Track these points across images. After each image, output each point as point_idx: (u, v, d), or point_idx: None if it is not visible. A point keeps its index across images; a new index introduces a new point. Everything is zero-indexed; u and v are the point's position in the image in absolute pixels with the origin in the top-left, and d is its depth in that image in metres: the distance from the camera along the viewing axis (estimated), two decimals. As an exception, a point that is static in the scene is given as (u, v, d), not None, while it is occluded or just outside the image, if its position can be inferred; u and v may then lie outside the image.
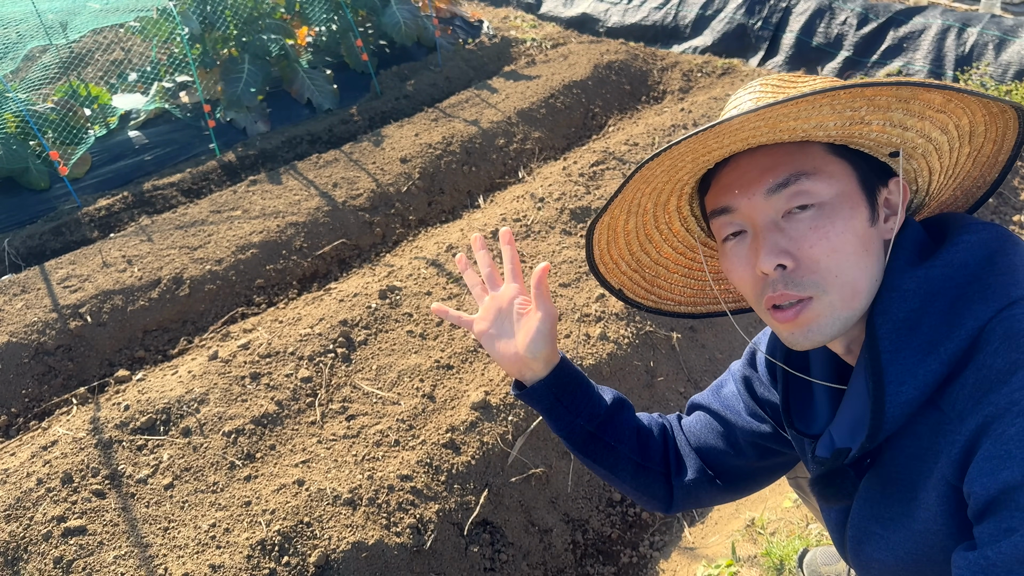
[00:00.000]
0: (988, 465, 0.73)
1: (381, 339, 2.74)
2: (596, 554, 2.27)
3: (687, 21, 6.32)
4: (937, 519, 0.83)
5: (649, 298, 1.17)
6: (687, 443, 1.26)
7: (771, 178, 0.86)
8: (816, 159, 0.86)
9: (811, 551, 1.85)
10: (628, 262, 1.10)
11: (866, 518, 0.94)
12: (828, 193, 0.85)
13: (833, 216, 0.85)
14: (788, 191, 0.86)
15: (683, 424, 1.28)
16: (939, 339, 0.81)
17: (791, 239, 0.86)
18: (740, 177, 0.89)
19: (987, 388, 0.76)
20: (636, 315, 2.79)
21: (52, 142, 4.30)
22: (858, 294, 0.86)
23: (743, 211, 0.89)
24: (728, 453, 1.21)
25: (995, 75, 4.73)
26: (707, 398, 1.27)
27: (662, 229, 1.07)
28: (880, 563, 0.94)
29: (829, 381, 1.01)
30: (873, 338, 0.85)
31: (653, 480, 1.21)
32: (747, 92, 0.93)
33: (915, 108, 0.82)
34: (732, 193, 0.90)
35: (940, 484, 0.82)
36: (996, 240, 0.85)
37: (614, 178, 3.88)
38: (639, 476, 1.19)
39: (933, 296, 0.83)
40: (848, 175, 0.87)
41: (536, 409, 1.16)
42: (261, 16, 5.34)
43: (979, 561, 0.72)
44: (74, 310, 3.21)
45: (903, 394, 0.82)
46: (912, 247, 0.88)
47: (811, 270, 0.85)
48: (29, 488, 2.13)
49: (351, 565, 1.92)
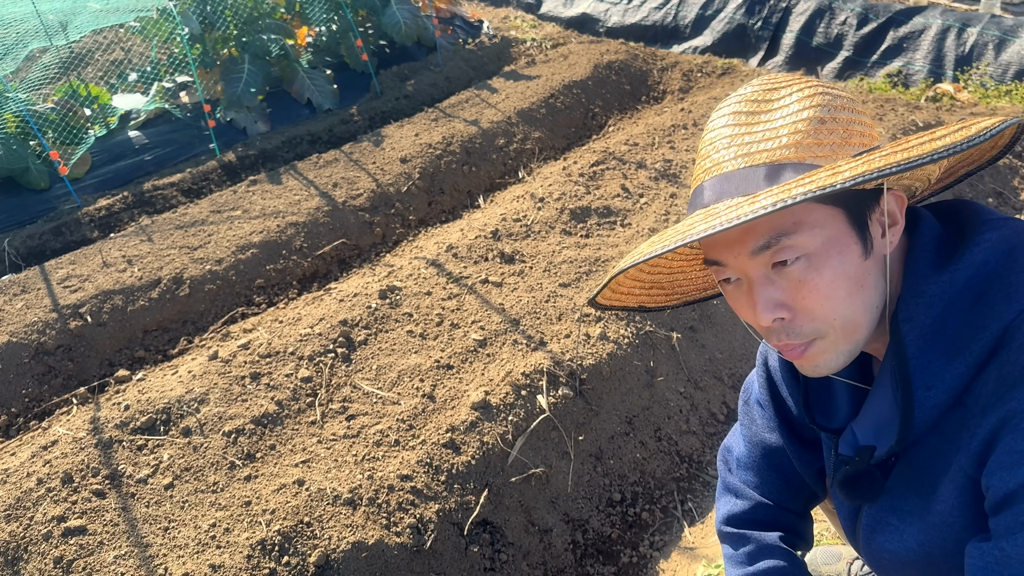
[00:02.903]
0: (1008, 459, 0.74)
1: (381, 339, 2.74)
2: (596, 554, 2.27)
3: (687, 21, 6.32)
4: (953, 511, 0.84)
5: (672, 300, 1.17)
6: (791, 512, 1.28)
7: (752, 241, 0.85)
8: (797, 214, 0.83)
9: (811, 551, 1.85)
10: (642, 287, 1.11)
11: (883, 509, 0.95)
12: (813, 244, 0.83)
13: (820, 266, 0.83)
14: (771, 251, 0.84)
15: (764, 498, 1.30)
16: (964, 342, 0.82)
17: (783, 291, 0.86)
18: (724, 238, 0.88)
19: (1010, 384, 0.77)
20: (636, 315, 2.79)
21: (52, 142, 4.30)
22: (859, 327, 0.87)
23: (733, 266, 0.89)
24: (801, 484, 1.25)
25: (995, 75, 4.73)
26: (760, 448, 1.28)
27: (668, 257, 1.08)
28: (892, 554, 0.95)
29: (850, 375, 1.02)
30: (900, 344, 0.85)
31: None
32: (722, 123, 0.88)
33: (914, 172, 0.84)
34: (719, 250, 0.89)
35: (958, 476, 0.83)
36: (1016, 236, 0.85)
37: (614, 178, 3.88)
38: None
39: (956, 299, 0.84)
40: (835, 217, 0.84)
41: None
42: (261, 16, 5.34)
43: (994, 552, 0.73)
44: (74, 310, 3.21)
45: (931, 399, 0.83)
46: (931, 247, 0.87)
47: (808, 319, 0.86)
48: (29, 488, 2.13)
49: (351, 565, 1.92)
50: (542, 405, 2.41)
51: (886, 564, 0.98)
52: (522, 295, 2.94)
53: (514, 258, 3.24)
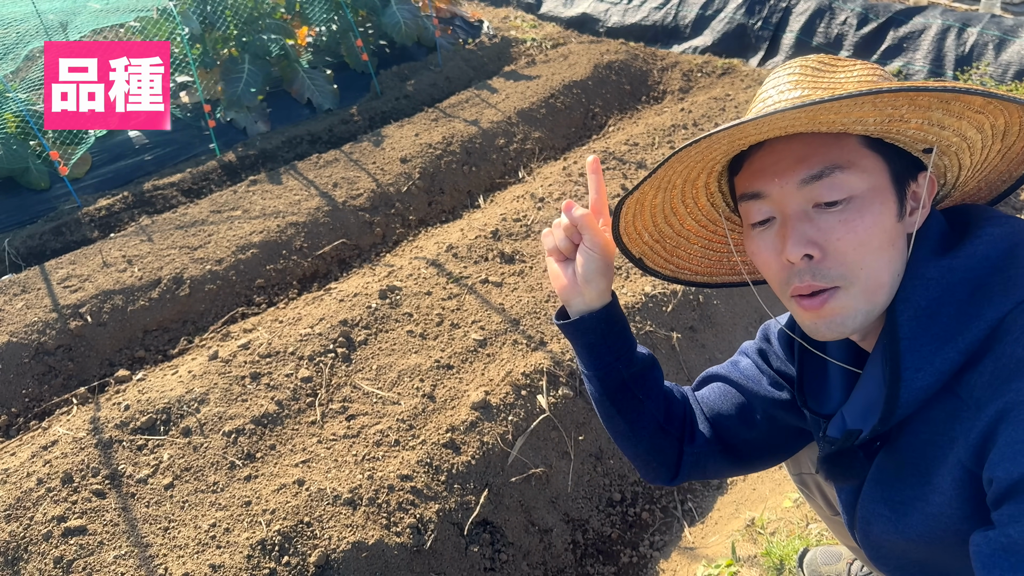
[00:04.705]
0: (1010, 451, 0.74)
1: (381, 339, 2.74)
2: (596, 554, 2.27)
3: (687, 21, 6.32)
4: (952, 503, 0.84)
5: (667, 267, 1.16)
6: (702, 412, 1.25)
7: (806, 169, 0.86)
8: (851, 152, 0.86)
9: (811, 551, 1.85)
10: (651, 233, 1.10)
11: (877, 500, 0.95)
12: (861, 187, 0.85)
13: (863, 210, 0.85)
14: (822, 183, 0.85)
15: (698, 394, 1.28)
16: (958, 328, 0.82)
17: (820, 230, 0.86)
18: (774, 164, 0.89)
19: (1007, 376, 0.77)
20: (636, 315, 2.79)
21: (52, 142, 4.30)
22: (881, 287, 0.87)
23: (774, 198, 0.89)
24: (741, 425, 1.21)
25: (995, 75, 4.73)
26: (725, 368, 1.27)
27: (688, 203, 1.07)
28: (890, 544, 0.95)
29: (844, 363, 1.02)
30: (893, 324, 0.86)
31: (668, 444, 1.19)
32: (786, 73, 0.92)
33: (955, 108, 0.83)
34: (765, 179, 0.90)
35: (956, 469, 0.83)
36: (1018, 233, 0.86)
37: (614, 178, 3.88)
38: (656, 437, 1.18)
39: (954, 286, 0.84)
40: (881, 169, 0.87)
41: (578, 343, 1.12)
42: (261, 16, 5.34)
43: (1000, 539, 0.73)
44: (74, 310, 3.21)
45: (919, 380, 0.83)
46: (935, 238, 0.89)
47: (838, 262, 0.86)
48: (29, 488, 2.13)
49: (351, 565, 1.92)
50: (542, 405, 2.41)
51: (885, 555, 0.98)
52: (522, 295, 2.94)
53: (514, 258, 3.24)
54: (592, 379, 1.15)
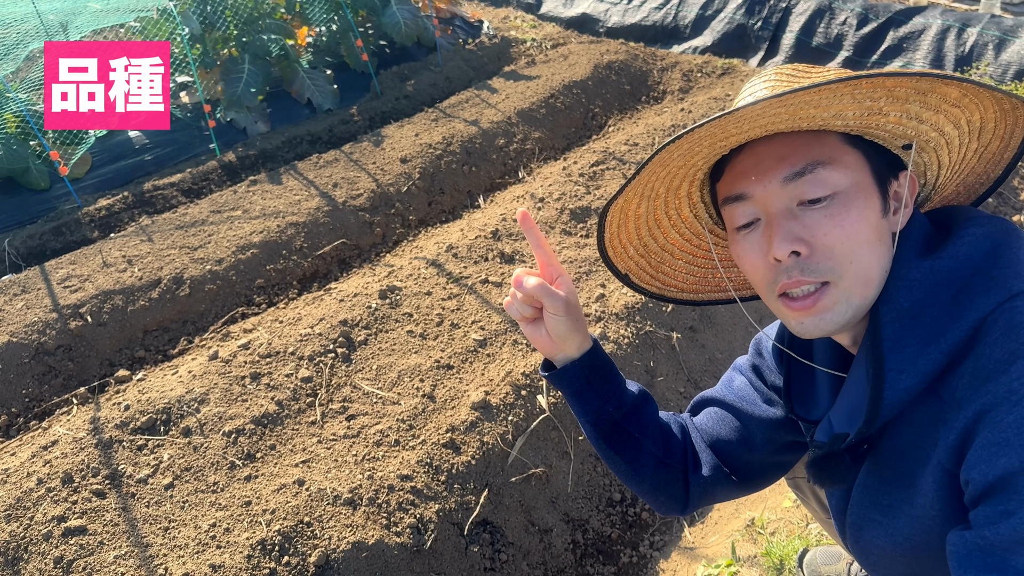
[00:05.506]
0: (986, 452, 0.74)
1: (381, 339, 2.74)
2: (596, 554, 2.27)
3: (687, 21, 6.32)
4: (933, 505, 0.85)
5: (653, 284, 1.17)
6: (701, 440, 1.25)
7: (788, 167, 0.86)
8: (832, 148, 0.87)
9: (811, 551, 1.86)
10: (636, 247, 1.10)
11: (865, 505, 0.95)
12: (844, 183, 0.86)
13: (848, 205, 0.85)
14: (805, 180, 0.86)
15: (695, 421, 1.28)
16: (941, 329, 0.82)
17: (806, 227, 0.86)
18: (756, 164, 0.89)
19: (985, 377, 0.77)
20: (636, 315, 2.79)
21: (52, 142, 4.31)
22: (870, 282, 0.87)
23: (758, 198, 0.89)
24: (742, 448, 1.21)
25: (995, 75, 4.73)
26: (720, 391, 1.26)
27: (671, 215, 1.07)
28: (879, 548, 0.95)
29: (831, 370, 1.02)
30: (876, 326, 0.86)
31: (672, 478, 1.20)
32: (762, 80, 0.93)
33: (932, 101, 0.83)
34: (747, 180, 0.90)
35: (936, 470, 0.83)
36: (1001, 234, 0.86)
37: (614, 178, 3.88)
38: (659, 471, 1.18)
39: (937, 287, 0.84)
40: (862, 166, 0.88)
41: (566, 391, 1.13)
42: (261, 16, 5.34)
43: (976, 540, 0.73)
44: (74, 310, 3.21)
45: (902, 382, 0.83)
46: (919, 239, 0.89)
47: (826, 256, 0.86)
48: (29, 488, 2.13)
49: (351, 565, 1.92)
50: (542, 405, 2.41)
51: (875, 560, 0.98)
52: (522, 295, 2.94)
53: (514, 258, 3.24)
54: (585, 424, 1.16)
